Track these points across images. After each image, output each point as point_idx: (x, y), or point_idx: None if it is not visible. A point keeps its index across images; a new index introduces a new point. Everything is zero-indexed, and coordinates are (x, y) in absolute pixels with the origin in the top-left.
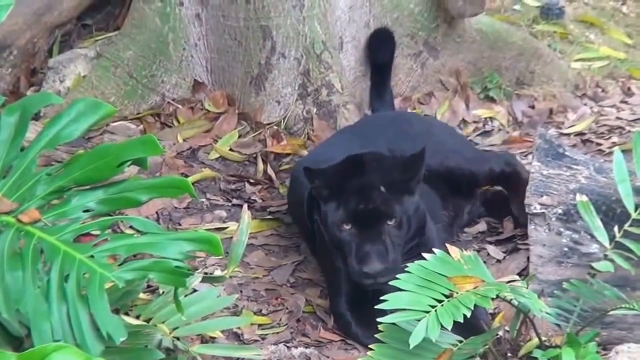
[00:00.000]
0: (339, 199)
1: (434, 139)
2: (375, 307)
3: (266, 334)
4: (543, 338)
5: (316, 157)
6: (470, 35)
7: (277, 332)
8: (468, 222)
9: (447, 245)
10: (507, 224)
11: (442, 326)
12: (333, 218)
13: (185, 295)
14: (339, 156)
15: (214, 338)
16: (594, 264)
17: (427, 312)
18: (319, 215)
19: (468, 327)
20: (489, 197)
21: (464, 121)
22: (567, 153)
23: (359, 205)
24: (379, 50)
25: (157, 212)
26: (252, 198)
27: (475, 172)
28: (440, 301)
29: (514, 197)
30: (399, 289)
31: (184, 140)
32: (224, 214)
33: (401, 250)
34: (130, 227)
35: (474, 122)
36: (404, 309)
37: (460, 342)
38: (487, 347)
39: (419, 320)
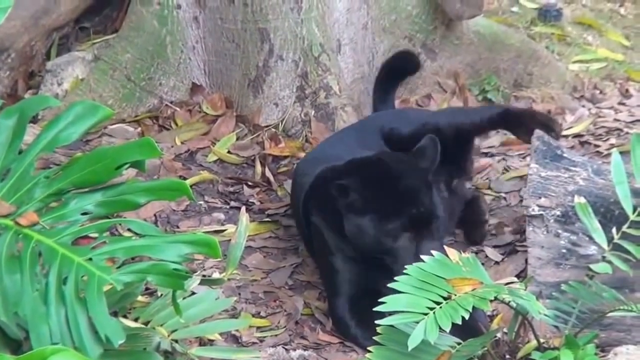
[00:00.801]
0: (383, 209)
1: (427, 113)
2: (374, 309)
3: (264, 337)
4: (541, 340)
5: (316, 156)
6: (468, 38)
7: (276, 335)
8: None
9: (445, 247)
10: (503, 229)
11: (440, 328)
12: (380, 228)
13: (184, 298)
14: (340, 154)
15: (213, 340)
16: (592, 266)
17: (426, 314)
18: (331, 221)
19: (466, 329)
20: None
21: None
22: (565, 155)
23: (411, 211)
24: (404, 67)
25: (155, 215)
26: (250, 200)
27: (475, 121)
28: (438, 303)
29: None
30: (398, 291)
31: (182, 142)
32: (222, 216)
33: None
34: (129, 229)
35: None
36: (403, 311)
37: (459, 344)
38: (485, 349)
39: (417, 323)
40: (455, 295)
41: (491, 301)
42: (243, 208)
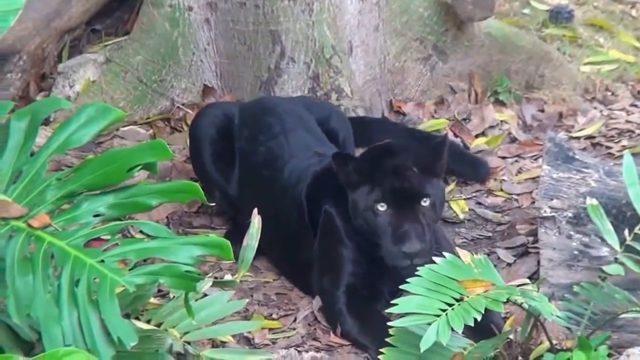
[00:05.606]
0: (372, 181)
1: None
2: (387, 310)
3: (277, 338)
4: (554, 341)
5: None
6: (479, 39)
7: (288, 336)
8: None
9: (458, 249)
10: (515, 230)
11: (452, 330)
12: (367, 201)
13: (196, 300)
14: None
15: (225, 342)
16: (604, 267)
17: (438, 316)
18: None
19: (480, 331)
20: None
21: None
22: (577, 156)
23: (394, 184)
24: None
25: (167, 217)
26: None
27: None
28: (450, 305)
29: None
30: (410, 292)
31: None
32: None
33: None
34: (141, 231)
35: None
36: (415, 313)
37: (471, 345)
38: (497, 350)
39: (429, 324)
40: (468, 297)
41: (504, 303)
42: (255, 209)
